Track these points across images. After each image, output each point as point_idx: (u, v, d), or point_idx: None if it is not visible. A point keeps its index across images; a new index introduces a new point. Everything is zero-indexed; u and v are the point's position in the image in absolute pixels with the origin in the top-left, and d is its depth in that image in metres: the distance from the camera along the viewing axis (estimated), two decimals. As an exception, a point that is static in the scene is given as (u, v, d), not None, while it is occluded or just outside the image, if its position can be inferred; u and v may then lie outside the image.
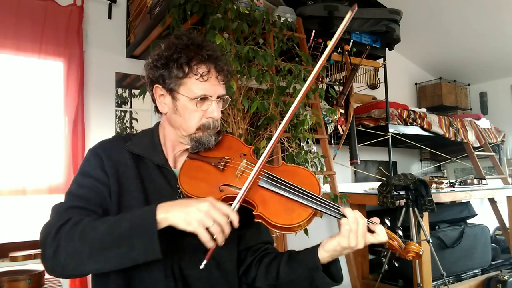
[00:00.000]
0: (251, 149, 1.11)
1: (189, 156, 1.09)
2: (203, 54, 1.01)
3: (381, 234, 0.94)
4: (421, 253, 0.97)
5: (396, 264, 1.00)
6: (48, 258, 0.89)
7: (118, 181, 1.01)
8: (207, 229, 0.86)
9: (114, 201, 1.00)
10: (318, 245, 1.00)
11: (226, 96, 1.08)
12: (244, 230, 1.08)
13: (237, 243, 1.10)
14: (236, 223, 0.90)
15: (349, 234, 0.92)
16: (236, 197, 0.96)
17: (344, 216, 0.94)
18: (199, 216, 0.86)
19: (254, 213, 0.96)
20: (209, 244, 0.86)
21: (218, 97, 1.05)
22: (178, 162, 1.11)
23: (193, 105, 1.02)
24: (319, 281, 0.98)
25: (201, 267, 0.88)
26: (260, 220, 0.96)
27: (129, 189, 1.01)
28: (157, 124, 1.16)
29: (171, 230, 0.87)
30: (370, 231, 0.96)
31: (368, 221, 0.96)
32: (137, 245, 0.85)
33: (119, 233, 0.86)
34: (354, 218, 0.93)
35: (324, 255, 0.97)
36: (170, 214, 0.87)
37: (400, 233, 0.99)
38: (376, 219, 0.98)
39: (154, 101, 1.10)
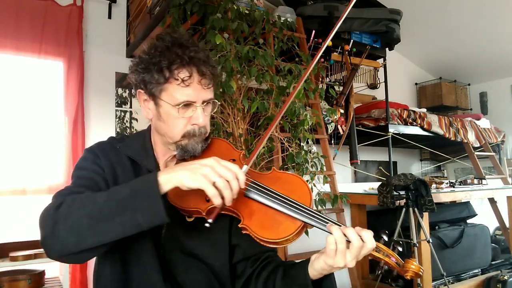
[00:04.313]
0: (241, 153, 1.05)
1: (177, 163, 1.04)
2: (185, 57, 0.94)
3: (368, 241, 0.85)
4: (421, 273, 0.89)
5: (393, 285, 0.94)
6: (46, 237, 0.83)
7: (115, 179, 1.00)
8: (213, 184, 0.82)
9: None
10: (308, 261, 0.93)
11: (214, 100, 1.02)
12: (239, 240, 1.04)
13: (232, 253, 1.05)
14: (243, 183, 0.86)
15: (335, 254, 0.84)
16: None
17: (330, 233, 0.85)
18: (204, 170, 0.82)
19: (239, 225, 0.91)
20: (216, 199, 0.83)
21: (203, 102, 0.99)
22: (169, 167, 1.08)
23: (176, 111, 0.96)
24: None
25: (206, 225, 0.85)
26: (247, 232, 0.90)
27: None
28: (150, 127, 1.12)
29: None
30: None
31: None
32: (140, 209, 0.81)
33: (120, 199, 0.82)
34: (341, 238, 0.83)
35: (314, 273, 0.90)
36: (173, 174, 0.83)
37: (400, 249, 0.91)
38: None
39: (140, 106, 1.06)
